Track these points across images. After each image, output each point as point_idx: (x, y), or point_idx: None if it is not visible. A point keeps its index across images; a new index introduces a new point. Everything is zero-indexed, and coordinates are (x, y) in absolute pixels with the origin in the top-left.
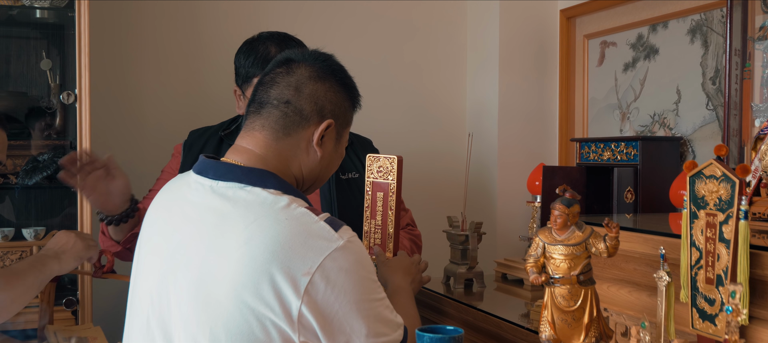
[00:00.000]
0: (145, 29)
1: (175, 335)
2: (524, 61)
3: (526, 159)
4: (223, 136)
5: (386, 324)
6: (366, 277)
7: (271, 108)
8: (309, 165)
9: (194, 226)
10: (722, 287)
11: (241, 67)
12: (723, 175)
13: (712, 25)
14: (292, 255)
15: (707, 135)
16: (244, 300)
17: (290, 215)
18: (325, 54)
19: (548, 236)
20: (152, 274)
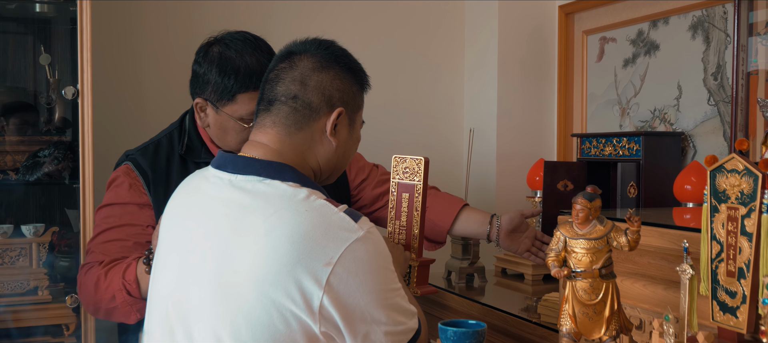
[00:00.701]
0: (146, 24)
1: (194, 328)
2: (523, 57)
3: (525, 155)
4: (185, 157)
5: (403, 313)
6: (385, 267)
7: (280, 105)
8: (325, 155)
9: (213, 219)
10: (744, 279)
11: (217, 83)
12: (745, 169)
13: (714, 21)
14: (314, 246)
15: (709, 130)
16: (265, 292)
17: (310, 207)
18: (325, 41)
19: (570, 231)
20: (171, 269)
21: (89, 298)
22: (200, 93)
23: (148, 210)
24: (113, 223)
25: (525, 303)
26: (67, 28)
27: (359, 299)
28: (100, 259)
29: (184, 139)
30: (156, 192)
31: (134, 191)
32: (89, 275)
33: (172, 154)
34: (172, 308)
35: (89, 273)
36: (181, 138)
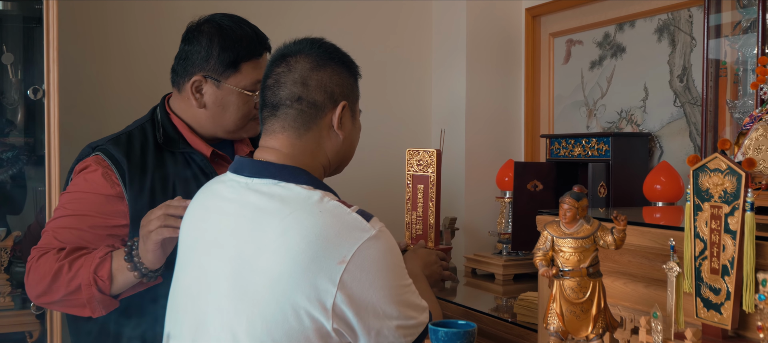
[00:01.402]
0: (111, 24)
1: (212, 325)
2: (490, 58)
3: (493, 155)
4: (163, 146)
5: (414, 308)
6: (396, 264)
7: (286, 108)
8: (334, 148)
9: (231, 220)
10: (728, 276)
11: (219, 56)
12: (728, 168)
13: (680, 24)
14: (328, 245)
15: (675, 131)
16: (280, 290)
17: (324, 208)
18: (316, 40)
19: (557, 230)
20: (192, 269)
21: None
22: (197, 71)
23: (117, 202)
24: (77, 210)
25: (496, 303)
26: (30, 26)
27: (372, 295)
28: (57, 245)
29: (159, 130)
30: (131, 181)
31: (106, 181)
32: (45, 262)
33: (146, 144)
34: (192, 307)
35: (45, 259)
36: (155, 129)
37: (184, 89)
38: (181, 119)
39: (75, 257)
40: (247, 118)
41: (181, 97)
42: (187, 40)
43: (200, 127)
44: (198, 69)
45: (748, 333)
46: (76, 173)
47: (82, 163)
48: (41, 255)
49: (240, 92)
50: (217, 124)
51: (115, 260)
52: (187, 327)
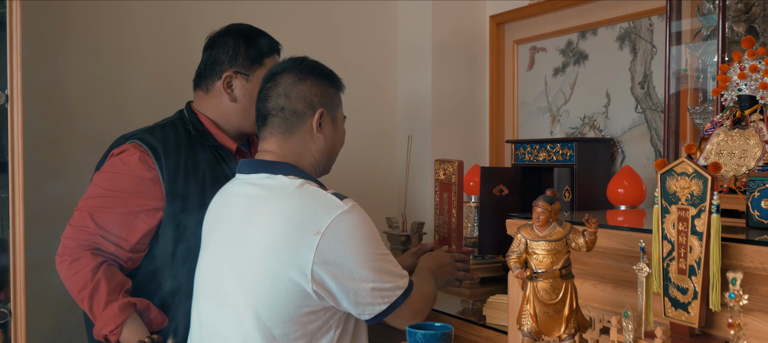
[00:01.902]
0: (75, 29)
1: (221, 297)
2: (455, 65)
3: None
4: (196, 138)
5: (389, 274)
6: (368, 234)
7: (272, 117)
8: (318, 149)
9: (232, 209)
10: (695, 276)
11: (246, 52)
12: (695, 172)
13: (641, 32)
14: (305, 220)
15: (636, 136)
16: (267, 261)
17: (303, 191)
18: (299, 58)
19: (530, 233)
20: (208, 253)
21: (76, 293)
22: (227, 68)
23: (152, 184)
24: (112, 187)
25: (463, 306)
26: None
27: (346, 260)
28: (93, 230)
29: (189, 125)
30: (167, 166)
31: (143, 164)
32: (81, 276)
33: (178, 136)
34: (208, 282)
35: (82, 273)
36: (185, 124)
37: (213, 88)
38: (207, 118)
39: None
40: None
41: (208, 97)
42: (212, 47)
43: (227, 122)
44: (228, 66)
45: (714, 331)
46: (111, 156)
47: (118, 148)
48: (77, 258)
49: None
50: (246, 115)
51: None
52: (204, 302)
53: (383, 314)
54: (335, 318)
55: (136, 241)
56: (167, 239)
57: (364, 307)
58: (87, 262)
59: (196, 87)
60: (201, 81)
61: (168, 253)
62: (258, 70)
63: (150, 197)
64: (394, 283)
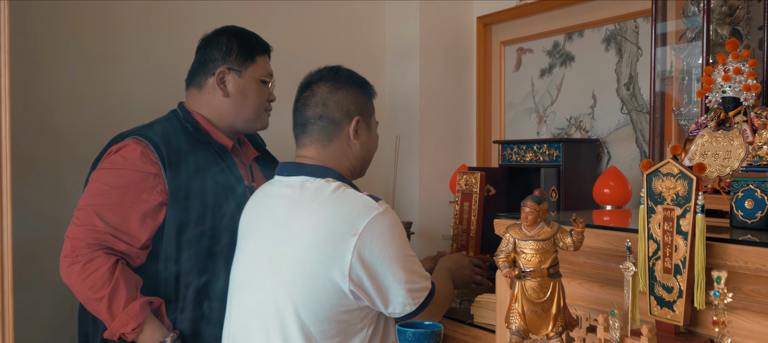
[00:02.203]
0: (62, 30)
1: (258, 293)
2: (442, 66)
3: (446, 160)
4: (194, 135)
5: (418, 274)
6: (400, 236)
7: (311, 125)
8: (354, 155)
9: (272, 209)
10: (680, 275)
11: (239, 49)
12: (680, 172)
13: (626, 34)
14: (343, 221)
15: (622, 137)
16: (306, 260)
17: (341, 194)
18: (334, 67)
19: (518, 232)
20: (245, 250)
21: (100, 289)
22: (220, 65)
23: (155, 179)
24: (116, 183)
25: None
26: None
27: (381, 259)
28: (102, 228)
29: (186, 123)
30: (170, 160)
31: (145, 159)
32: (101, 274)
33: (177, 133)
34: (249, 279)
35: (100, 271)
36: (181, 122)
37: (206, 85)
38: (201, 116)
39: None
40: (262, 107)
41: (201, 94)
42: (205, 46)
43: (220, 119)
44: (221, 63)
45: (699, 329)
46: (110, 153)
47: (117, 145)
48: (91, 259)
49: (258, 81)
50: (238, 112)
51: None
52: (241, 296)
53: (412, 314)
54: (368, 318)
55: (146, 238)
56: (171, 235)
57: (396, 306)
58: (102, 261)
59: (189, 85)
60: (194, 78)
61: (171, 250)
62: (250, 68)
63: (155, 192)
64: (421, 283)
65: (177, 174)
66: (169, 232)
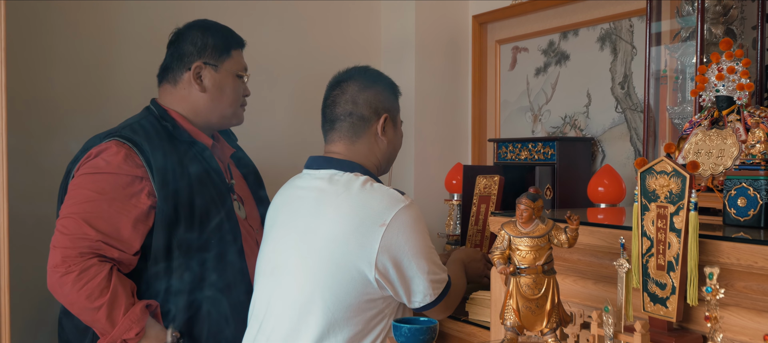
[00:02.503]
0: (58, 28)
1: (284, 279)
2: (438, 64)
3: (441, 159)
4: (173, 133)
5: (438, 266)
6: (424, 229)
7: (340, 122)
8: (381, 151)
9: (301, 200)
10: (673, 272)
11: (214, 43)
12: (674, 170)
13: (621, 33)
14: (371, 213)
15: (616, 136)
16: (334, 248)
17: (369, 187)
18: (363, 67)
19: (514, 229)
20: (274, 238)
21: (98, 298)
22: (196, 59)
23: (141, 182)
24: (102, 189)
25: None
26: None
27: (407, 250)
28: (94, 236)
29: (164, 122)
30: (155, 162)
31: (130, 162)
32: (98, 282)
33: (158, 131)
34: (275, 268)
35: (97, 279)
36: (158, 121)
37: (182, 80)
38: (177, 113)
39: (122, 300)
40: (238, 102)
41: (176, 90)
42: (177, 41)
43: (197, 115)
44: (197, 57)
45: (691, 326)
46: (90, 157)
47: (97, 148)
48: (86, 268)
49: (234, 76)
50: (215, 107)
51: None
52: (268, 279)
53: (430, 305)
54: (390, 308)
55: (139, 244)
56: (160, 238)
57: (417, 295)
58: (98, 270)
59: (162, 80)
60: (167, 74)
61: (161, 254)
62: (226, 62)
63: (143, 196)
64: (440, 275)
65: (165, 176)
66: (158, 235)
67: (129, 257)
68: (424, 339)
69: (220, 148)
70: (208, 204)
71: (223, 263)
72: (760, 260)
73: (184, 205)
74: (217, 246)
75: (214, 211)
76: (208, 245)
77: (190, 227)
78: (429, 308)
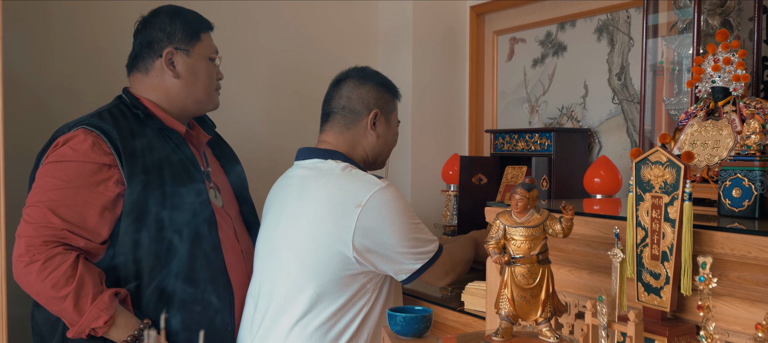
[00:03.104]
0: (54, 26)
1: (274, 260)
2: (435, 55)
3: (438, 150)
4: (144, 121)
5: (420, 240)
6: (403, 207)
7: (334, 114)
8: (370, 144)
9: (287, 188)
10: (667, 262)
11: (183, 28)
12: (668, 161)
13: (618, 24)
14: (348, 195)
15: (613, 127)
16: (314, 229)
17: (348, 173)
18: (362, 67)
19: (508, 219)
20: (265, 226)
21: (64, 286)
22: (166, 46)
23: (109, 170)
24: (68, 178)
25: (441, 293)
26: None
27: (384, 228)
28: (59, 225)
29: (135, 110)
30: (124, 149)
31: (98, 150)
32: (63, 271)
33: (127, 120)
34: (264, 250)
35: (62, 267)
36: (129, 108)
37: (154, 67)
38: (149, 101)
39: (89, 288)
40: (212, 86)
41: (148, 78)
42: (145, 28)
43: (170, 102)
44: (167, 43)
45: (685, 315)
46: (57, 145)
47: (64, 136)
48: (51, 256)
49: (206, 59)
50: (190, 93)
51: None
52: (261, 261)
53: (417, 273)
54: (373, 282)
55: (106, 232)
56: (130, 226)
57: (401, 266)
58: (63, 258)
59: (132, 69)
60: (137, 62)
61: (130, 242)
62: (197, 46)
63: (111, 183)
64: (425, 247)
65: (134, 163)
66: (127, 223)
67: (96, 246)
68: (419, 328)
69: (196, 135)
70: (181, 192)
71: (197, 251)
72: (753, 250)
73: (155, 193)
74: (191, 235)
75: (187, 199)
76: (181, 234)
77: (160, 215)
78: (419, 275)
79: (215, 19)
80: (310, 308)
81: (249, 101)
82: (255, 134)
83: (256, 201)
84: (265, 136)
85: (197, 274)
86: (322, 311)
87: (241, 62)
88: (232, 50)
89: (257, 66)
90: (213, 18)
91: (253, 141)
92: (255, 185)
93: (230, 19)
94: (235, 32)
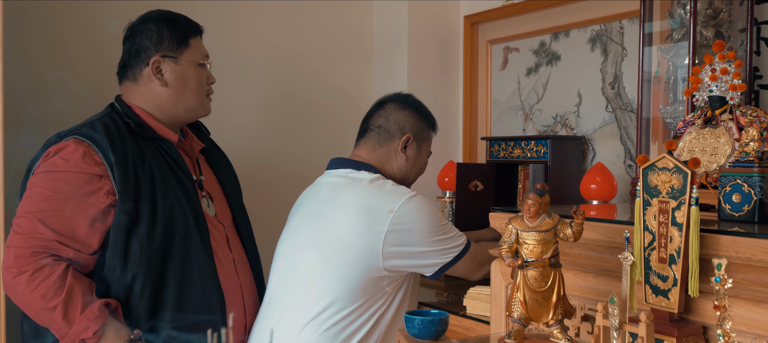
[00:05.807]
0: (53, 27)
1: (299, 261)
2: (430, 64)
3: (433, 157)
4: (136, 131)
5: (449, 239)
6: (432, 212)
7: (370, 131)
8: (398, 166)
9: (317, 194)
10: (675, 264)
11: (170, 35)
12: (675, 167)
13: (612, 35)
14: (380, 202)
15: (606, 135)
16: (346, 235)
17: (378, 184)
18: (406, 94)
19: (521, 224)
20: (289, 231)
21: (53, 297)
22: (154, 54)
23: (100, 180)
24: (58, 188)
25: (438, 299)
26: None
27: (414, 230)
28: (49, 236)
29: (127, 119)
30: (116, 159)
31: (89, 160)
32: (52, 281)
33: (119, 129)
34: (289, 248)
35: (52, 278)
36: (121, 118)
37: (142, 76)
38: (141, 109)
39: (78, 298)
40: (203, 92)
41: (137, 87)
42: (132, 36)
43: (160, 110)
44: (154, 52)
45: (692, 317)
46: (48, 156)
47: (56, 146)
48: (40, 267)
49: (196, 65)
50: (180, 101)
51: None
52: (282, 257)
53: (446, 266)
54: (392, 285)
55: (97, 243)
56: (121, 237)
57: (429, 261)
58: (53, 269)
59: (123, 78)
60: (126, 71)
61: (121, 252)
62: (185, 52)
63: (102, 194)
64: (453, 243)
65: (126, 173)
66: (118, 234)
67: (86, 257)
68: (436, 331)
69: (189, 143)
70: (173, 202)
71: (188, 261)
72: (758, 253)
73: (147, 203)
74: (182, 245)
75: (178, 209)
76: (172, 244)
77: (152, 226)
78: (448, 268)
79: (208, 24)
80: (327, 307)
81: (243, 108)
82: (249, 141)
83: (250, 209)
84: (259, 142)
85: (188, 284)
86: (340, 310)
87: (236, 69)
88: (226, 56)
89: (252, 72)
90: (206, 23)
91: (247, 148)
92: (249, 193)
93: (224, 24)
94: (229, 38)
